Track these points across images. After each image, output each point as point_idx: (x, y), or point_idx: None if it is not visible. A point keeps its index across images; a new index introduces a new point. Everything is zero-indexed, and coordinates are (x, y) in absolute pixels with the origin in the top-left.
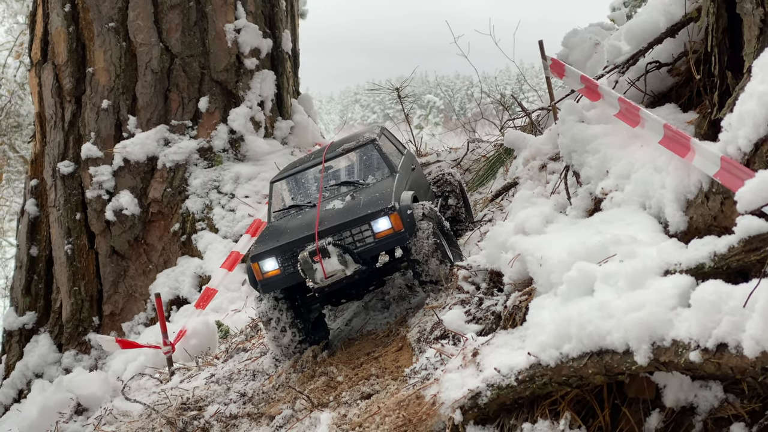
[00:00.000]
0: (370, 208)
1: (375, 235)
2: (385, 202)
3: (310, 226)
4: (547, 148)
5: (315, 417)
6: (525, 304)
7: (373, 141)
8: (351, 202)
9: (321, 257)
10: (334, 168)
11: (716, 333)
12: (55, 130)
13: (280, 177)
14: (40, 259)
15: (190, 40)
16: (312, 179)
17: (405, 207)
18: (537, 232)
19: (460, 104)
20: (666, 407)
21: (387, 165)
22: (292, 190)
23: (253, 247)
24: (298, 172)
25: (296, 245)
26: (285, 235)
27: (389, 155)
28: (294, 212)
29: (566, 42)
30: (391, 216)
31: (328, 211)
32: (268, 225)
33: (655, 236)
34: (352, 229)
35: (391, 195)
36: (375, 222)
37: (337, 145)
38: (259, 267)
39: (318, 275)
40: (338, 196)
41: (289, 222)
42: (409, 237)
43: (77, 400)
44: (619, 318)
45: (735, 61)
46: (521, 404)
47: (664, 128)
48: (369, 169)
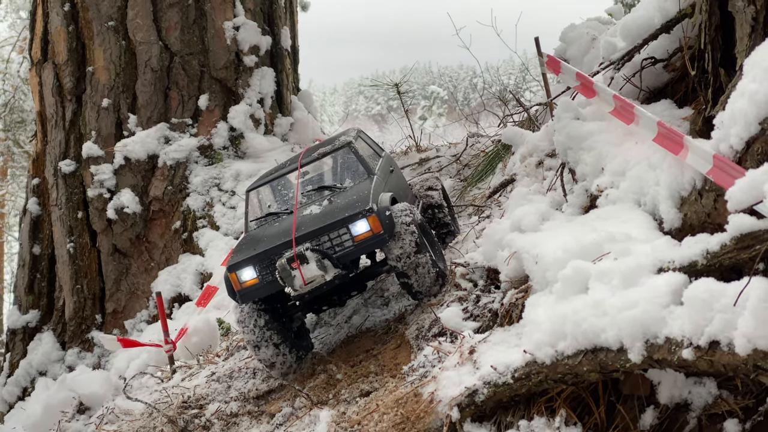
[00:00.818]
0: (347, 211)
1: (354, 239)
2: (363, 204)
3: (287, 233)
4: (543, 145)
5: (314, 415)
6: (521, 301)
7: (349, 144)
8: (328, 206)
9: (299, 263)
10: (311, 173)
11: (708, 330)
12: (56, 129)
13: (256, 185)
14: (42, 257)
15: (189, 38)
16: (288, 186)
17: (383, 208)
18: (533, 229)
19: (463, 95)
20: (660, 404)
21: (364, 168)
22: (268, 197)
23: (230, 256)
24: (274, 179)
25: (274, 252)
26: (262, 243)
27: (366, 158)
28: (271, 220)
29: (564, 37)
30: (369, 218)
31: (306, 217)
32: (246, 234)
33: (649, 233)
34: (330, 233)
35: (368, 197)
36: (353, 225)
37: (313, 150)
38: (236, 277)
39: (297, 282)
40: (316, 201)
41: (266, 230)
42: (389, 239)
43: (79, 399)
44: (613, 316)
45: (728, 58)
46: (518, 401)
47: (657, 126)
48: (346, 172)
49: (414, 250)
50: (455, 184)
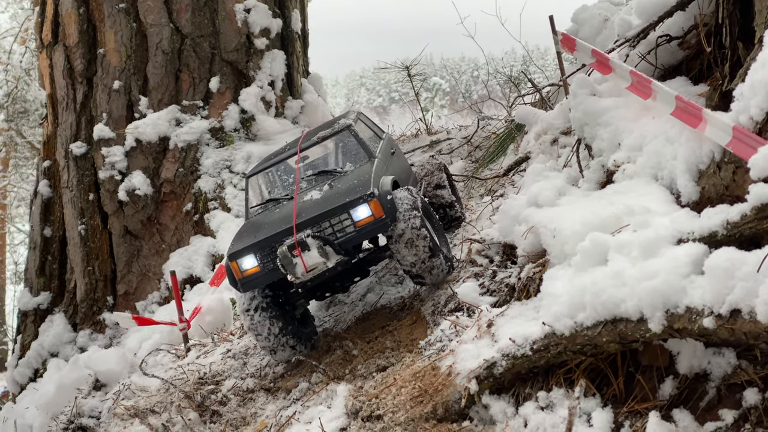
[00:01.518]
0: (348, 196)
1: (355, 224)
2: (364, 189)
3: (287, 219)
4: (558, 123)
5: (331, 389)
6: (539, 275)
7: (349, 127)
8: (329, 191)
9: (300, 251)
10: (311, 158)
11: (730, 299)
12: (67, 112)
13: (256, 171)
14: (53, 239)
15: (200, 21)
16: (289, 171)
17: (385, 192)
18: (550, 204)
19: (465, 86)
20: (680, 374)
21: (365, 151)
22: (268, 183)
23: (230, 244)
24: (274, 165)
25: (274, 240)
26: (262, 231)
27: (367, 141)
28: (272, 206)
29: (576, 18)
30: (371, 203)
31: (306, 203)
32: (246, 221)
33: (667, 207)
34: (331, 219)
35: (369, 181)
36: (354, 210)
37: (312, 134)
38: (237, 265)
39: (299, 270)
40: (316, 186)
41: (267, 217)
42: (391, 223)
43: (95, 376)
44: (633, 286)
45: (746, 33)
46: (536, 373)
47: (675, 100)
48: (346, 156)
49: (416, 236)
50: (466, 166)
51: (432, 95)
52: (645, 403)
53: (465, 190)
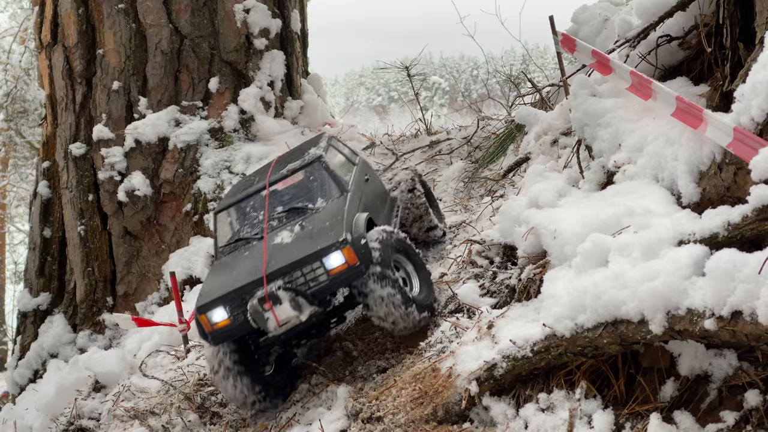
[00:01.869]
0: (320, 243)
1: (328, 273)
2: (336, 234)
3: (257, 268)
4: (558, 123)
5: (331, 391)
6: (539, 276)
7: (320, 158)
8: (300, 233)
9: (272, 304)
10: (281, 191)
11: (731, 301)
12: (66, 112)
13: (223, 207)
14: (53, 240)
15: (199, 21)
16: (258, 206)
17: (358, 237)
18: (550, 205)
19: (465, 85)
20: (681, 376)
21: (336, 184)
22: (237, 220)
23: (199, 294)
24: (242, 200)
25: (244, 291)
26: (232, 279)
27: (339, 171)
28: (242, 246)
29: (576, 18)
30: (344, 250)
31: (276, 247)
32: (215, 264)
33: (668, 208)
34: (303, 268)
35: (342, 224)
36: (327, 258)
37: (283, 161)
38: (207, 318)
39: (271, 324)
40: (286, 225)
41: (236, 260)
42: (366, 270)
43: (95, 377)
44: (634, 288)
45: (747, 34)
46: (537, 375)
47: (676, 100)
48: (317, 190)
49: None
50: (466, 166)
51: (431, 94)
52: (646, 404)
53: (465, 191)
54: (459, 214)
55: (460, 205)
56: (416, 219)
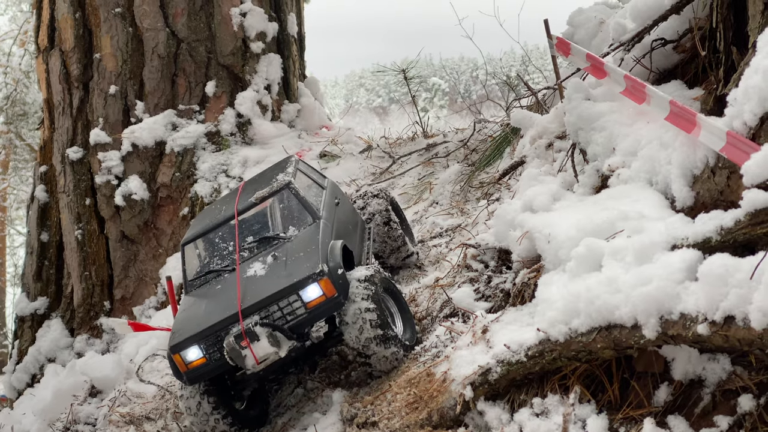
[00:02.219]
0: (295, 275)
1: (306, 305)
2: (312, 265)
3: (231, 303)
4: (553, 127)
5: (327, 395)
6: (533, 281)
7: (288, 185)
8: (274, 264)
9: (249, 341)
10: (250, 219)
11: (724, 306)
12: (63, 117)
13: (190, 238)
14: (50, 244)
15: (196, 25)
16: (227, 236)
17: (335, 267)
18: (545, 209)
19: (465, 86)
20: (674, 380)
21: (308, 211)
22: (206, 250)
23: (172, 332)
24: (210, 230)
25: (219, 328)
26: (205, 316)
27: (309, 198)
28: (213, 279)
29: (571, 21)
30: (321, 282)
31: (250, 280)
32: (185, 298)
33: (662, 212)
34: (280, 302)
35: (317, 254)
36: (304, 291)
37: (250, 187)
38: (181, 358)
39: (249, 362)
40: (258, 255)
41: (208, 294)
42: (345, 301)
43: (91, 382)
44: (627, 293)
45: (740, 37)
46: (531, 380)
47: (670, 104)
48: (288, 218)
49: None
50: (463, 169)
51: (431, 95)
52: (640, 409)
53: (461, 194)
54: (455, 218)
55: (457, 209)
56: (394, 250)
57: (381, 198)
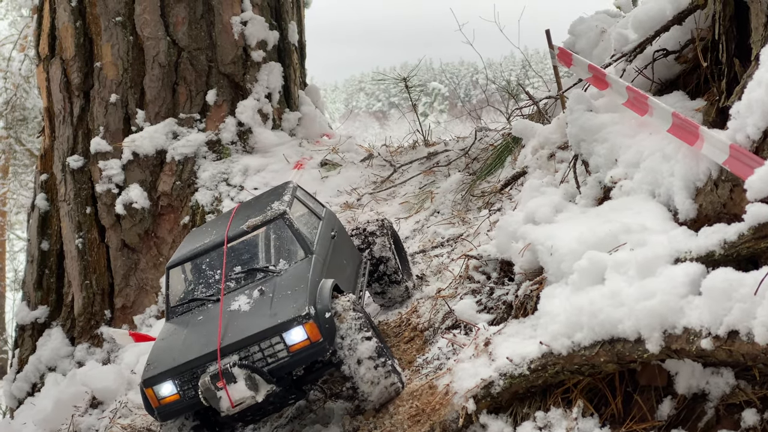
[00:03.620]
0: (280, 315)
1: (289, 349)
2: (299, 306)
3: (211, 340)
4: (555, 137)
5: (329, 408)
6: (536, 293)
7: (283, 215)
8: (259, 300)
9: (225, 383)
10: (239, 247)
11: (727, 320)
12: (64, 125)
13: (177, 262)
14: (51, 253)
15: (196, 34)
16: (215, 263)
17: (322, 310)
18: (547, 221)
19: (465, 91)
20: (678, 394)
21: (301, 245)
22: (192, 276)
23: (146, 363)
24: (198, 255)
25: (196, 365)
26: (183, 349)
27: (303, 230)
28: (195, 309)
29: (573, 30)
30: (306, 325)
31: (233, 315)
32: (166, 325)
33: (664, 224)
34: (261, 342)
35: (305, 294)
36: (287, 333)
37: (244, 211)
38: (153, 393)
39: (224, 404)
40: (244, 288)
41: (189, 325)
42: (330, 346)
43: (92, 393)
44: (631, 306)
45: (742, 49)
46: (534, 393)
47: (672, 116)
48: (280, 250)
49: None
50: (464, 178)
51: (431, 100)
52: (643, 423)
53: (463, 203)
54: (457, 227)
55: (458, 218)
56: (393, 283)
57: (383, 236)
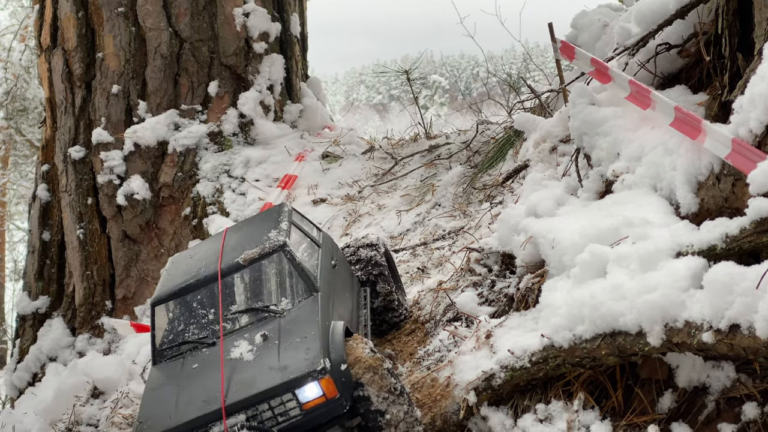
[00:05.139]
0: (291, 370)
1: (302, 407)
2: (312, 359)
3: (212, 396)
4: (557, 131)
5: None
6: (537, 286)
7: (283, 247)
8: (264, 347)
9: None
10: (234, 282)
11: (729, 314)
12: (65, 116)
13: (163, 298)
14: (52, 243)
15: (198, 25)
16: (206, 301)
17: (338, 361)
18: (549, 214)
19: (465, 84)
20: (678, 387)
21: (303, 280)
22: (182, 315)
23: (137, 420)
24: (186, 291)
25: (196, 426)
26: (180, 406)
27: (305, 263)
28: (188, 354)
29: (575, 23)
30: (322, 381)
31: (236, 365)
32: (154, 371)
33: (666, 218)
34: (271, 400)
35: (317, 342)
36: (300, 390)
37: (235, 233)
38: None
39: None
40: (244, 331)
41: (183, 375)
42: (347, 402)
43: (93, 383)
44: (632, 300)
45: (745, 43)
46: (535, 385)
47: (675, 110)
48: (280, 286)
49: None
50: (465, 171)
51: (432, 93)
52: (644, 416)
53: (464, 196)
54: (458, 220)
55: (459, 211)
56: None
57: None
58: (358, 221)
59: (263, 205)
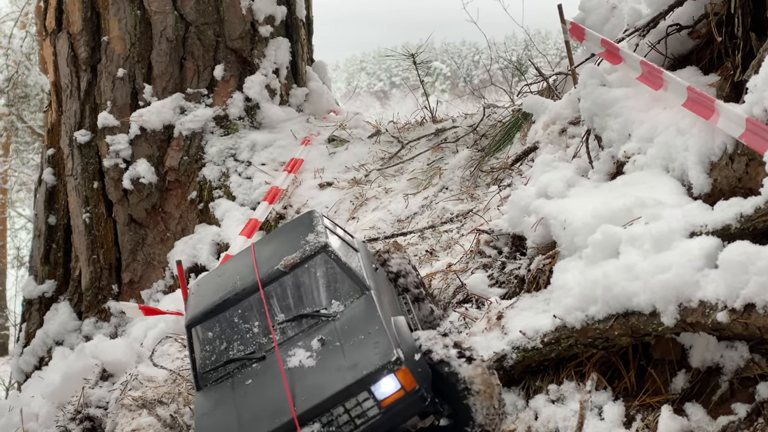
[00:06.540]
0: (363, 366)
1: (380, 404)
2: (383, 352)
3: (280, 407)
4: (566, 113)
5: None
6: (549, 267)
7: (326, 248)
8: (324, 351)
9: None
10: (274, 291)
11: (744, 293)
12: (71, 100)
13: (199, 318)
14: (58, 227)
15: (204, 8)
16: (249, 314)
17: (410, 351)
18: (559, 195)
19: (466, 71)
20: (692, 367)
21: (352, 280)
22: (222, 333)
23: None
24: (225, 307)
25: None
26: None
27: (350, 263)
28: (238, 372)
29: (583, 6)
30: (398, 372)
31: (297, 373)
32: (200, 397)
33: (678, 198)
34: (346, 402)
35: (384, 335)
36: (376, 386)
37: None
38: None
39: None
40: (297, 339)
41: (239, 394)
42: (428, 394)
43: (102, 366)
44: (646, 280)
45: (759, 23)
46: (547, 366)
47: (687, 90)
48: (327, 290)
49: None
50: (473, 155)
51: (433, 80)
52: (657, 396)
53: (471, 179)
54: (465, 203)
55: (467, 194)
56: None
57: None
58: (365, 205)
59: (269, 189)
